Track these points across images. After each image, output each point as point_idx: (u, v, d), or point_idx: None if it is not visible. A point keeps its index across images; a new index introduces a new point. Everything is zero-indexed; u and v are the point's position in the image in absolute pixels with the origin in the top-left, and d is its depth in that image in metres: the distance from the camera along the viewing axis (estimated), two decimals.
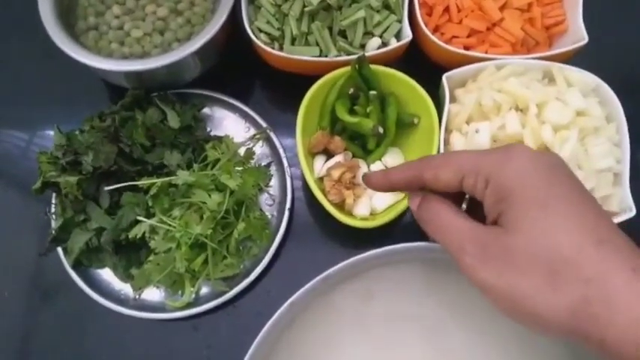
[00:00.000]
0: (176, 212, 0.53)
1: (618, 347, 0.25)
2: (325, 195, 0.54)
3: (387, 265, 0.46)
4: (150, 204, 0.52)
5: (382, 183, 0.37)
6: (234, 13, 0.59)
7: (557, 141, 0.50)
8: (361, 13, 0.57)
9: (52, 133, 0.66)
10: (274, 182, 0.60)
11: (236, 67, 0.66)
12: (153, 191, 0.52)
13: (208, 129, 0.63)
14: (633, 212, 0.50)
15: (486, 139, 0.51)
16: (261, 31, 0.60)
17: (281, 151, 0.61)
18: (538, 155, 0.30)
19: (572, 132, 0.50)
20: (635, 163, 0.52)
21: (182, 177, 0.52)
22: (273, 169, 0.61)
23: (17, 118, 0.68)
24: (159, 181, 0.53)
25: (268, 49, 0.57)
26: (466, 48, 0.61)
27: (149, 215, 0.53)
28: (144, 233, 0.52)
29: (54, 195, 0.57)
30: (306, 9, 0.57)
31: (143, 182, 0.53)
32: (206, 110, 0.63)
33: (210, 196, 0.53)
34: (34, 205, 0.60)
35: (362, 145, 0.59)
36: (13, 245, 0.61)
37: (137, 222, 0.53)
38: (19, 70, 0.70)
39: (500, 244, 0.29)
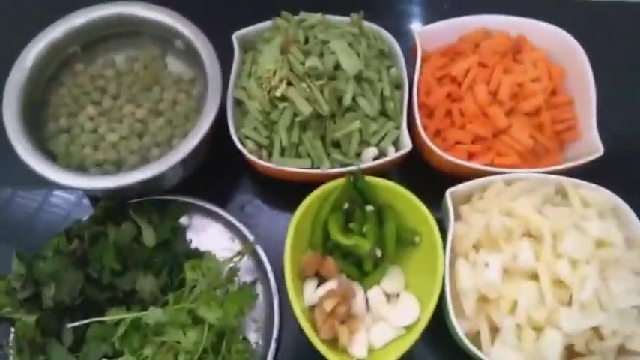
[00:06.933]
0: (148, 351, 0.47)
1: None
2: (316, 330, 0.48)
3: None
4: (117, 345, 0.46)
5: None
6: (220, 115, 0.55)
7: (577, 279, 0.45)
8: (356, 125, 0.52)
9: None
10: (260, 302, 0.55)
11: (220, 171, 0.61)
12: (121, 330, 0.46)
13: (189, 238, 0.57)
14: None
15: (497, 274, 0.46)
16: (247, 138, 0.55)
17: (267, 266, 0.55)
18: None
19: (591, 267, 0.45)
20: None
21: (154, 315, 0.46)
22: (258, 287, 0.55)
23: None
24: (128, 317, 0.47)
25: (256, 159, 0.53)
26: (470, 155, 0.56)
27: (117, 353, 0.47)
28: None
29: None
30: (297, 118, 0.52)
31: (111, 318, 0.47)
32: (185, 219, 0.58)
33: (185, 333, 0.47)
34: None
35: (357, 263, 0.53)
36: None
37: None
38: None
39: None
